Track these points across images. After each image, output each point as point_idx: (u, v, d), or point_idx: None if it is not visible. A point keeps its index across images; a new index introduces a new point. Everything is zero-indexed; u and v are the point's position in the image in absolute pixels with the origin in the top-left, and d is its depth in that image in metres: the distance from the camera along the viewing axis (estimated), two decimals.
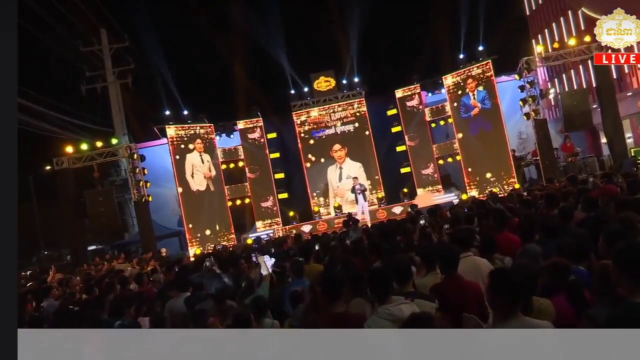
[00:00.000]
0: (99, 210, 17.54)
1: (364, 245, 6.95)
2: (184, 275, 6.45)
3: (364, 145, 20.63)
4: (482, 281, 4.43)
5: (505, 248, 5.24)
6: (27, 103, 18.83)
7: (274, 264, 6.26)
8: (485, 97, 18.89)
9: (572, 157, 17.63)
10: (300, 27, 21.27)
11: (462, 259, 4.41)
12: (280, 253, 7.44)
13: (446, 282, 4.00)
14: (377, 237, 7.49)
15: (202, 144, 19.67)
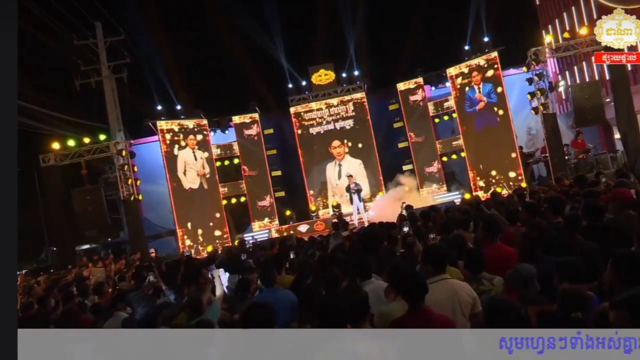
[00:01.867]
0: (86, 209, 16.94)
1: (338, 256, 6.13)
2: (123, 292, 5.69)
3: (365, 142, 19.76)
4: (460, 312, 3.60)
5: (496, 264, 4.40)
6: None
7: (229, 279, 5.45)
8: (491, 91, 17.93)
9: (584, 154, 16.64)
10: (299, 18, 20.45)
11: (437, 282, 3.59)
12: (244, 263, 6.66)
13: (408, 317, 3.15)
14: (357, 245, 6.67)
15: (195, 140, 18.92)
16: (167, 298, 5.11)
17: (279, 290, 5.12)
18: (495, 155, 17.88)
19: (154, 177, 19.33)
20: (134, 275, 8.19)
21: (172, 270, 7.61)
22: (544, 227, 4.92)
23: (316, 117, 20.22)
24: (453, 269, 4.86)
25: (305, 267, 6.11)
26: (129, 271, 10.74)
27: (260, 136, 19.93)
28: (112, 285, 8.76)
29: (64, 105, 20.77)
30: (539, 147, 19.07)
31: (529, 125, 20.70)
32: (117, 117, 24.74)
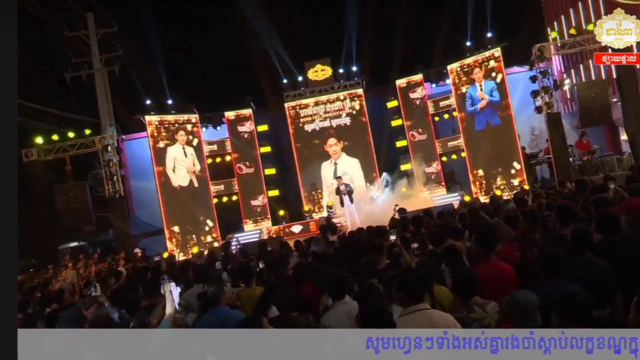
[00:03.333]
0: (70, 206, 16.27)
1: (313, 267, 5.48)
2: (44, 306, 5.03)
3: (361, 140, 19.05)
4: None
5: (491, 285, 3.72)
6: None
7: (181, 294, 4.79)
8: (493, 89, 17.22)
9: (589, 155, 15.93)
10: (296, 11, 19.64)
11: (414, 313, 2.93)
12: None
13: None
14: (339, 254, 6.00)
15: (185, 136, 18.24)
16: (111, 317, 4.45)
17: (225, 311, 4.50)
18: (496, 155, 17.20)
19: (146, 174, 18.65)
20: (85, 284, 7.52)
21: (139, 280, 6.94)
22: (545, 242, 4.23)
23: (312, 113, 19.52)
24: (441, 289, 4.21)
25: (279, 278, 5.45)
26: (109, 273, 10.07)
27: (254, 133, 19.24)
28: (79, 291, 8.11)
29: (52, 99, 20.12)
30: (542, 148, 18.38)
31: (532, 125, 20.01)
32: (109, 112, 24.08)
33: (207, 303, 4.73)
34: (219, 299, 4.70)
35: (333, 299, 4.24)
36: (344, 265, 5.75)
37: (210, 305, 4.57)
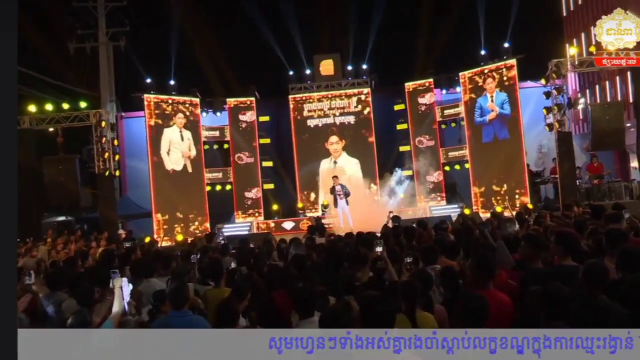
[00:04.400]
0: (57, 180, 15.75)
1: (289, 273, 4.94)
2: None
3: (364, 141, 18.45)
4: None
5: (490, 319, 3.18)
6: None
7: (132, 292, 4.25)
8: (504, 101, 16.65)
9: (598, 180, 15.38)
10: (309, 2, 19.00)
11: None
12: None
13: None
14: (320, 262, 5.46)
15: (184, 119, 17.68)
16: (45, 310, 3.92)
17: (183, 316, 3.96)
18: (501, 170, 16.64)
19: (141, 154, 18.09)
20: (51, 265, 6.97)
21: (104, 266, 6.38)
22: (549, 275, 3.68)
23: (316, 108, 18.97)
24: (425, 315, 3.68)
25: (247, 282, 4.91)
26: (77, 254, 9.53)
27: (255, 123, 18.69)
28: (44, 271, 7.57)
29: (51, 68, 19.61)
30: (549, 166, 17.85)
31: (540, 143, 19.53)
32: (110, 87, 23.63)
33: (160, 303, 4.20)
34: (180, 299, 4.13)
35: (300, 316, 3.71)
36: (324, 274, 5.21)
37: (173, 306, 4.02)
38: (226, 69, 19.13)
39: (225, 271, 5.63)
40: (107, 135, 16.05)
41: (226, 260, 8.03)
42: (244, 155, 18.62)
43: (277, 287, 4.96)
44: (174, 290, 4.17)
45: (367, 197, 17.34)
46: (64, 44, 21.85)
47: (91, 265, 7.36)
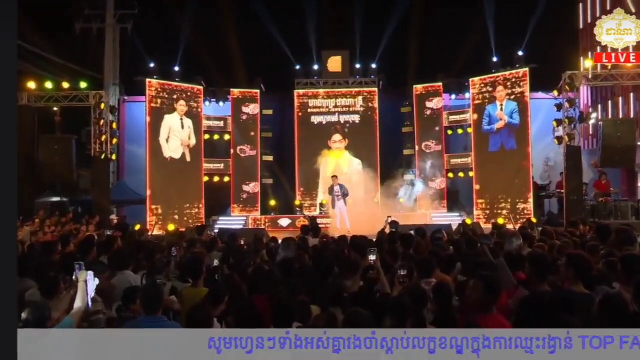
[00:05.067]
0: (52, 159, 15.43)
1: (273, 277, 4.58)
2: None
3: (368, 142, 18.02)
4: None
5: None
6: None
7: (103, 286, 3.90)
8: (514, 111, 16.25)
9: (604, 198, 14.98)
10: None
11: None
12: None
13: None
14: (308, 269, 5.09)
15: (186, 107, 17.31)
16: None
17: (161, 321, 3.57)
18: (506, 181, 16.25)
19: (141, 139, 17.71)
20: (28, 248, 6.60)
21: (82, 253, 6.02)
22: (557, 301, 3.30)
23: (321, 105, 18.58)
24: None
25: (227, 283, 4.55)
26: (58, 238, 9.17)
27: (258, 116, 18.30)
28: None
29: (54, 46, 19.22)
30: (555, 180, 17.44)
31: (547, 156, 19.07)
32: (115, 70, 23.25)
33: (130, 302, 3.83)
34: (153, 303, 3.72)
35: (275, 325, 3.35)
36: (312, 280, 4.84)
37: (145, 310, 3.63)
38: (233, 59, 18.69)
39: (206, 269, 5.26)
40: (106, 118, 15.71)
41: (213, 256, 7.68)
42: (245, 148, 18.23)
43: (260, 291, 4.61)
44: (148, 292, 3.78)
45: (366, 199, 16.97)
46: (70, 23, 21.50)
47: (72, 251, 6.98)
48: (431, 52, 18.43)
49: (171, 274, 5.53)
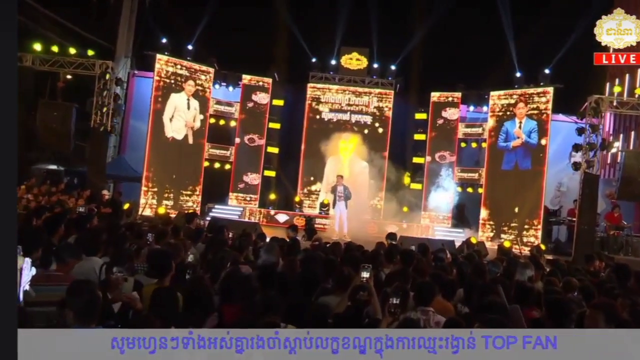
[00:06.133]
0: (50, 126, 14.89)
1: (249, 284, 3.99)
2: None
3: (378, 144, 17.35)
4: None
5: None
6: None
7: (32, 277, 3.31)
8: (533, 130, 15.59)
9: (616, 231, 14.30)
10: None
11: None
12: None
13: None
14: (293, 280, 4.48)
15: (194, 87, 16.73)
16: None
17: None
18: (516, 202, 15.59)
19: (146, 115, 17.15)
20: None
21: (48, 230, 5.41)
22: None
23: (334, 101, 17.96)
24: None
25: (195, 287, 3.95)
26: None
27: (268, 105, 17.70)
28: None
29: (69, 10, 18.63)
30: (566, 207, 16.77)
31: (560, 181, 18.35)
32: (128, 43, 22.66)
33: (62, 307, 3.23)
34: (86, 313, 3.06)
35: None
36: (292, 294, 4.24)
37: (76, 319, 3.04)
38: (248, 44, 18.08)
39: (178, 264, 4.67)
40: (110, 89, 15.16)
41: (198, 247, 7.10)
42: (252, 137, 17.63)
43: (232, 300, 4.02)
44: (79, 299, 3.13)
45: (368, 203, 16.36)
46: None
47: (37, 226, 6.33)
48: (453, 61, 17.73)
49: (139, 266, 4.95)
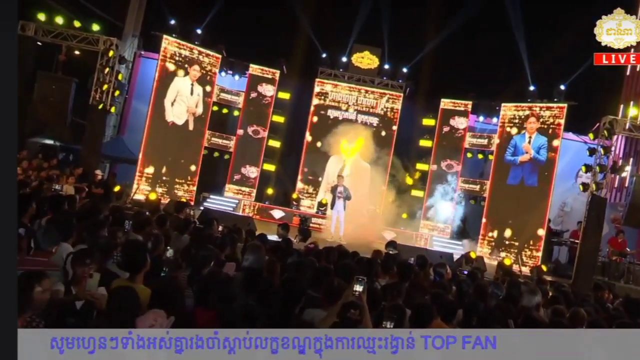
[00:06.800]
0: (47, 99, 14.47)
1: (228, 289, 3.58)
2: None
3: (382, 147, 16.85)
4: None
5: None
6: None
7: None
8: (542, 146, 15.17)
9: (619, 257, 13.88)
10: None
11: None
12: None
13: None
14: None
15: (199, 73, 16.29)
16: None
17: None
18: (519, 218, 15.17)
19: (149, 97, 16.74)
20: None
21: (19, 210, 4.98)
22: None
23: (341, 99, 17.51)
24: None
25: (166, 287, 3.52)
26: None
27: (273, 97, 17.25)
28: None
29: None
30: (569, 228, 16.36)
31: (564, 200, 17.93)
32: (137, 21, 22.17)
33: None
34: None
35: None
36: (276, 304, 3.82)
37: None
38: (258, 34, 17.64)
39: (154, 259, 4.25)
40: (113, 67, 14.72)
41: (183, 240, 6.70)
42: (257, 129, 17.19)
43: (207, 304, 3.61)
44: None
45: (368, 206, 15.94)
46: None
47: None
48: (466, 69, 17.28)
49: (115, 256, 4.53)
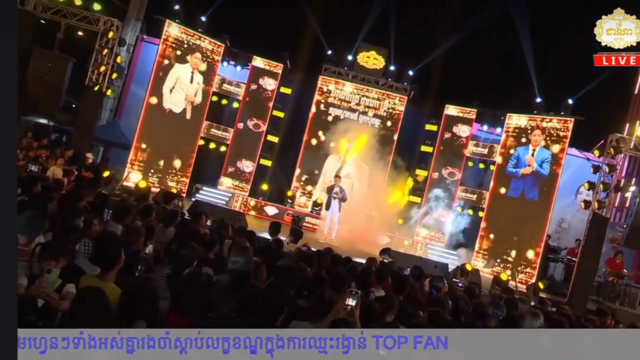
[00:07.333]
0: (42, 77, 14.07)
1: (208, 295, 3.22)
2: None
3: (382, 149, 16.45)
4: None
5: None
6: None
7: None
8: (546, 160, 14.85)
9: (615, 278, 13.57)
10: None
11: None
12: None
13: None
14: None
15: (200, 61, 15.90)
16: None
17: None
18: (517, 231, 14.85)
19: (146, 82, 16.34)
20: None
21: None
22: None
23: (344, 98, 17.14)
24: None
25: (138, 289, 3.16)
26: None
27: (274, 91, 16.88)
28: None
29: None
30: (567, 245, 16.06)
31: (562, 216, 17.64)
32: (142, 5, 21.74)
33: None
34: None
35: None
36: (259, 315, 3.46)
37: None
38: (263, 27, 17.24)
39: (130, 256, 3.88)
40: (112, 48, 14.33)
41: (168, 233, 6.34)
42: (257, 122, 16.81)
43: (183, 311, 3.24)
44: None
45: (363, 209, 15.59)
46: None
47: None
48: (472, 76, 16.92)
49: (85, 248, 4.16)
